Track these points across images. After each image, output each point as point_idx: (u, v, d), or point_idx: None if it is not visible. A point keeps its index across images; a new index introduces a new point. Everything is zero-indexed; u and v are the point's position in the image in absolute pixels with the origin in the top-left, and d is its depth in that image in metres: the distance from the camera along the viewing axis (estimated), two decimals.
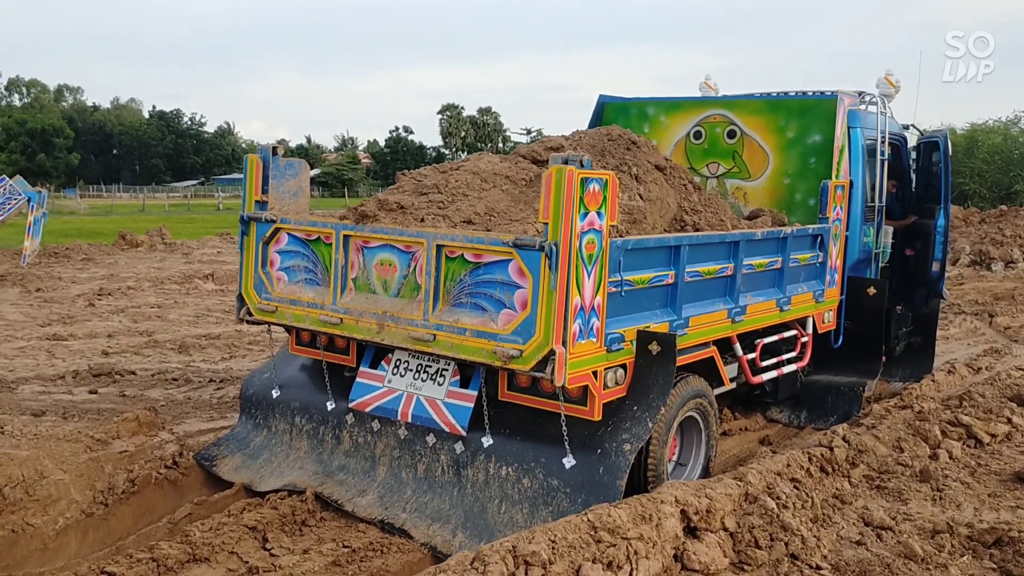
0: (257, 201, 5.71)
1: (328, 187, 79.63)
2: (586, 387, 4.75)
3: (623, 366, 4.96)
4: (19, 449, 5.45)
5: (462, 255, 4.78)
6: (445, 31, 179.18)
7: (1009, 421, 6.72)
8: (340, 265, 5.27)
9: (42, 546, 4.94)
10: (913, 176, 8.56)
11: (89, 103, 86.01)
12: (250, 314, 5.75)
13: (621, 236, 5.00)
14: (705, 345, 5.68)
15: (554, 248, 4.38)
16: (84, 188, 65.13)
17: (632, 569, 3.88)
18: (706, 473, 5.62)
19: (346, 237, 5.26)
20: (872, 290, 7.35)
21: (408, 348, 5.00)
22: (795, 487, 5.10)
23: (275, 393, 5.96)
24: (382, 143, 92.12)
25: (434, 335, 4.81)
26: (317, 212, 6.40)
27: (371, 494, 5.25)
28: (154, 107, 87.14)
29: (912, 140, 8.55)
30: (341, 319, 5.22)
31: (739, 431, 7.13)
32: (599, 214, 4.54)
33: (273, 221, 5.62)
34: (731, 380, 6.20)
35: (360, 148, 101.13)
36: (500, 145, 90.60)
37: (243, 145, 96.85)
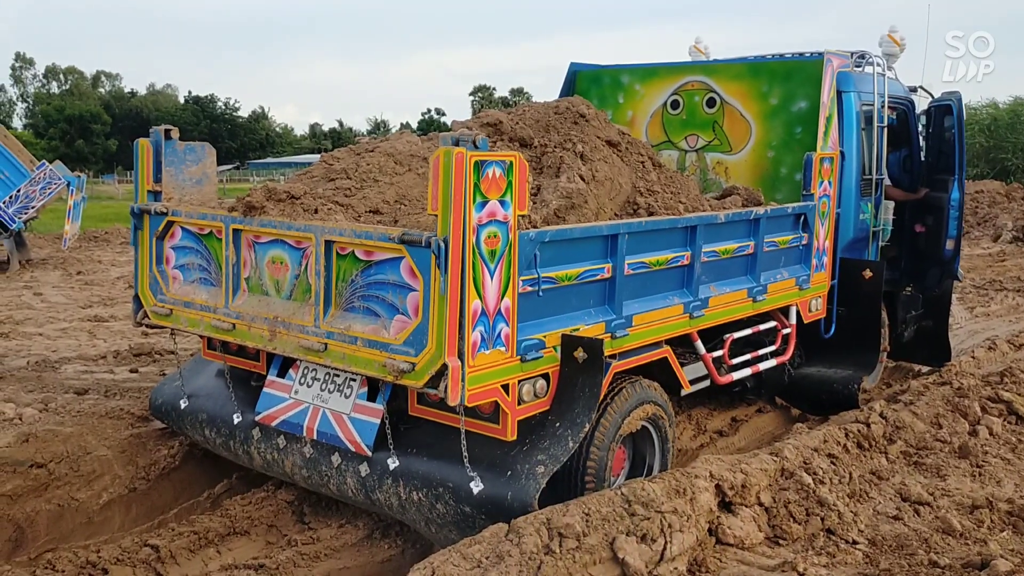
0: (149, 191, 5.14)
1: None
2: (496, 403, 4.14)
3: (545, 376, 4.32)
4: (63, 426, 5.59)
5: (352, 252, 4.19)
6: (482, 12, 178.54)
7: None
8: (231, 263, 4.70)
9: (87, 520, 5.07)
10: (923, 144, 7.76)
11: (127, 89, 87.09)
12: (147, 317, 5.21)
13: (548, 224, 4.38)
14: (656, 345, 5.00)
15: (443, 245, 3.73)
16: (122, 174, 65.98)
17: (666, 542, 3.89)
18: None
19: (236, 231, 4.68)
20: (868, 273, 6.63)
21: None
22: (832, 463, 5.08)
23: (183, 404, 5.39)
24: (414, 125, 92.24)
25: (325, 344, 4.23)
26: None
27: None
28: (190, 92, 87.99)
29: (922, 104, 7.78)
30: (234, 324, 4.66)
31: (774, 408, 7.08)
32: (502, 203, 3.88)
33: (164, 214, 5.03)
34: (697, 380, 5.59)
35: (393, 130, 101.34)
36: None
37: (277, 129, 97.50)
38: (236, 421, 5.05)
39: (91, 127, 70.34)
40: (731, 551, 4.18)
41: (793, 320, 6.25)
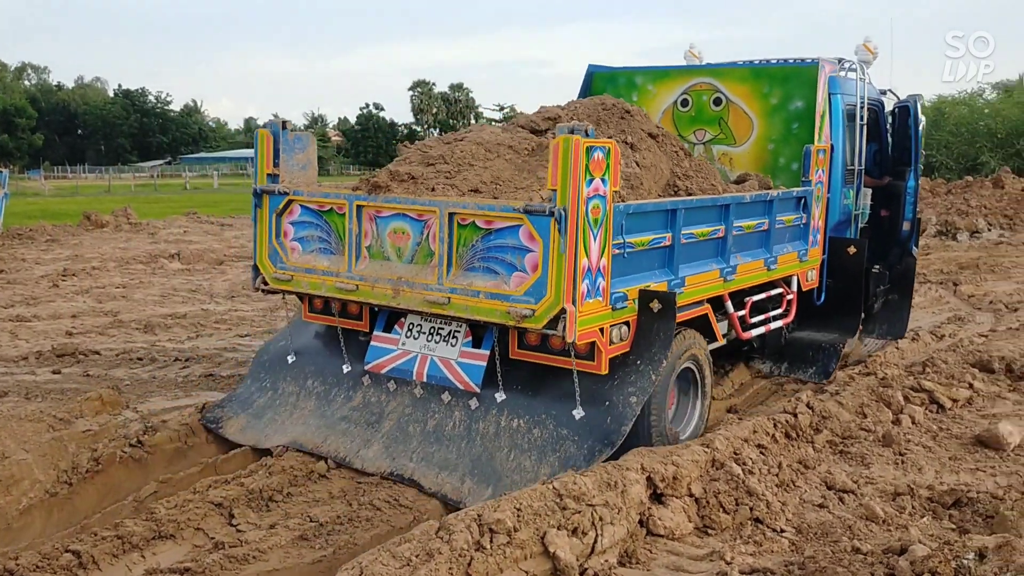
0: (269, 174, 5.90)
1: None
2: (593, 343, 5.05)
3: (627, 323, 5.27)
4: None
5: (473, 222, 5.03)
6: (424, 5, 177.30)
7: (971, 386, 6.83)
8: (354, 234, 5.49)
9: (6, 526, 4.87)
10: (889, 140, 8.80)
11: (54, 83, 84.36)
12: (265, 283, 5.96)
13: (623, 201, 5.26)
14: (700, 303, 5.97)
15: (563, 213, 4.66)
16: (49, 169, 64.00)
17: (597, 535, 3.91)
18: (703, 418, 6.07)
19: (359, 207, 5.47)
20: (852, 249, 7.64)
21: (422, 311, 5.27)
22: (761, 453, 5.16)
23: (291, 359, 6.22)
24: (352, 120, 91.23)
25: (449, 298, 5.07)
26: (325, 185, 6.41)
27: (376, 445, 5.47)
28: (119, 85, 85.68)
29: (889, 105, 8.79)
30: (357, 285, 5.46)
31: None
32: (603, 180, 4.81)
33: (286, 193, 5.81)
34: (723, 336, 6.45)
35: (330, 126, 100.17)
36: (472, 122, 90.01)
37: (211, 123, 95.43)
38: (346, 371, 5.94)
39: (15, 121, 67.95)
40: (661, 542, 4.23)
41: (795, 288, 7.27)
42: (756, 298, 6.78)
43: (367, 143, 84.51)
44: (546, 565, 3.75)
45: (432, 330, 5.55)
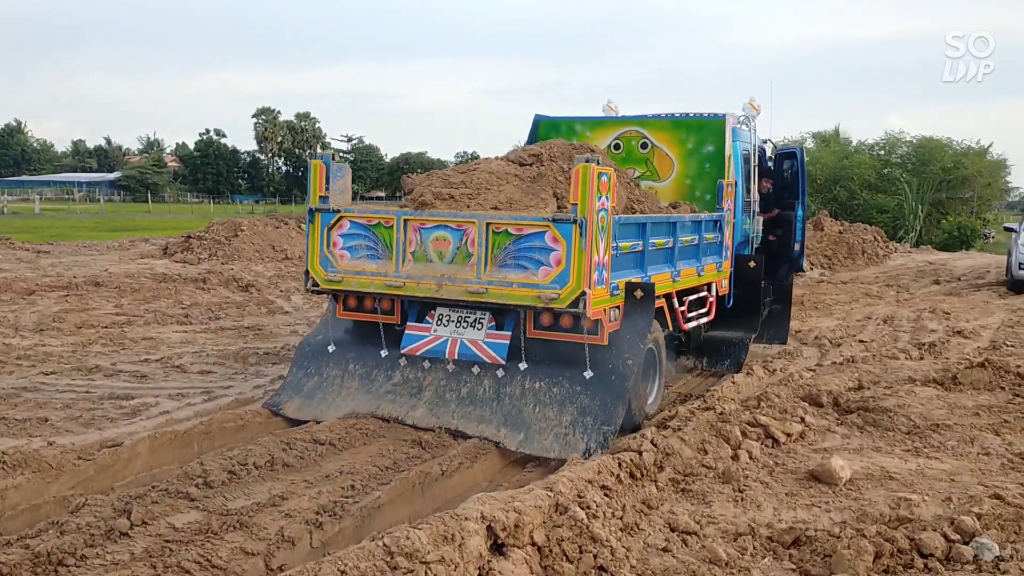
0: (321, 196, 7.13)
1: (131, 191, 74.71)
2: (598, 320, 6.54)
3: (618, 307, 6.83)
4: None
5: (506, 229, 6.47)
6: (269, 32, 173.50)
7: (802, 420, 6.97)
8: (401, 242, 6.78)
9: None
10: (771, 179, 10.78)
11: None
12: (316, 285, 7.15)
13: (617, 214, 6.78)
14: (659, 297, 7.43)
15: (584, 221, 6.21)
16: None
17: None
18: (661, 391, 7.61)
19: (405, 221, 6.77)
20: (752, 264, 9.55)
21: (459, 301, 6.64)
22: (605, 495, 4.99)
23: (331, 348, 7.39)
24: (191, 145, 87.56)
25: (486, 288, 6.46)
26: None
27: (421, 409, 6.77)
28: None
29: (769, 151, 10.76)
30: (404, 283, 6.74)
31: None
32: (607, 198, 6.40)
33: (338, 211, 7.04)
34: (672, 325, 8.03)
35: (167, 151, 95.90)
36: (319, 150, 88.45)
37: (35, 145, 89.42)
38: (383, 355, 7.19)
39: None
40: None
41: (714, 293, 8.99)
42: (691, 298, 8.37)
43: (207, 170, 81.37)
44: None
45: (460, 319, 6.90)
